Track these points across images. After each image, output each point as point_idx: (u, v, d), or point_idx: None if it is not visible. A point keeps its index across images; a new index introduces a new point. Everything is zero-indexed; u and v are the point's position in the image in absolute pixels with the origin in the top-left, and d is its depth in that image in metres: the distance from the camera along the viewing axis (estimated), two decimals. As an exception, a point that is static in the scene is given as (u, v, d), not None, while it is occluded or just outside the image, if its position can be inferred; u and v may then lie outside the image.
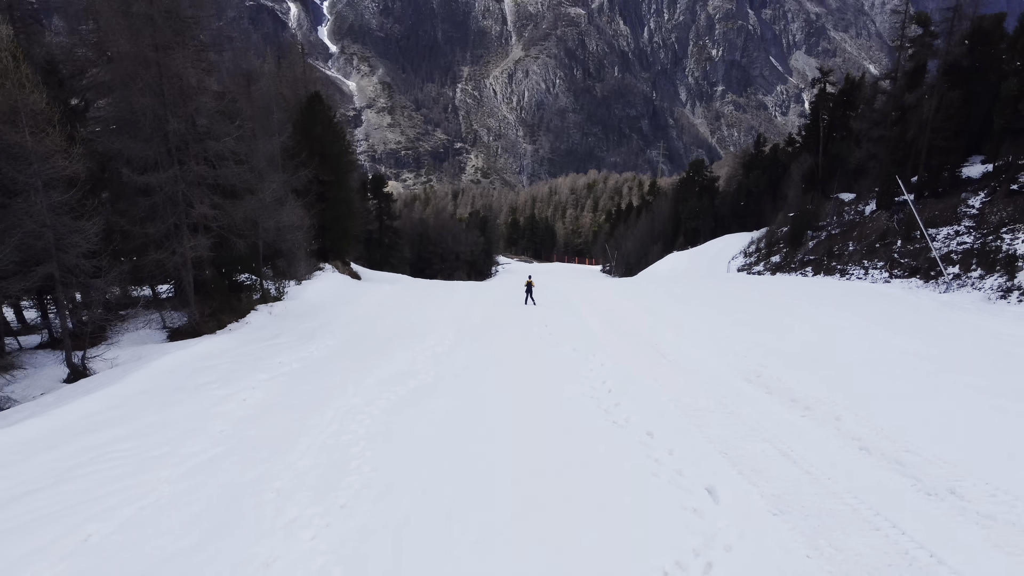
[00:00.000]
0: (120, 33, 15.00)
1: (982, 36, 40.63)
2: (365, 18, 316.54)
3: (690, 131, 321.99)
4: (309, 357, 14.55)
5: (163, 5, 15.22)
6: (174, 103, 15.76)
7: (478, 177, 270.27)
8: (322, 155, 27.51)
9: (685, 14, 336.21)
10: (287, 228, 21.33)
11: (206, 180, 16.50)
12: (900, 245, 39.31)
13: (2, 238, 11.99)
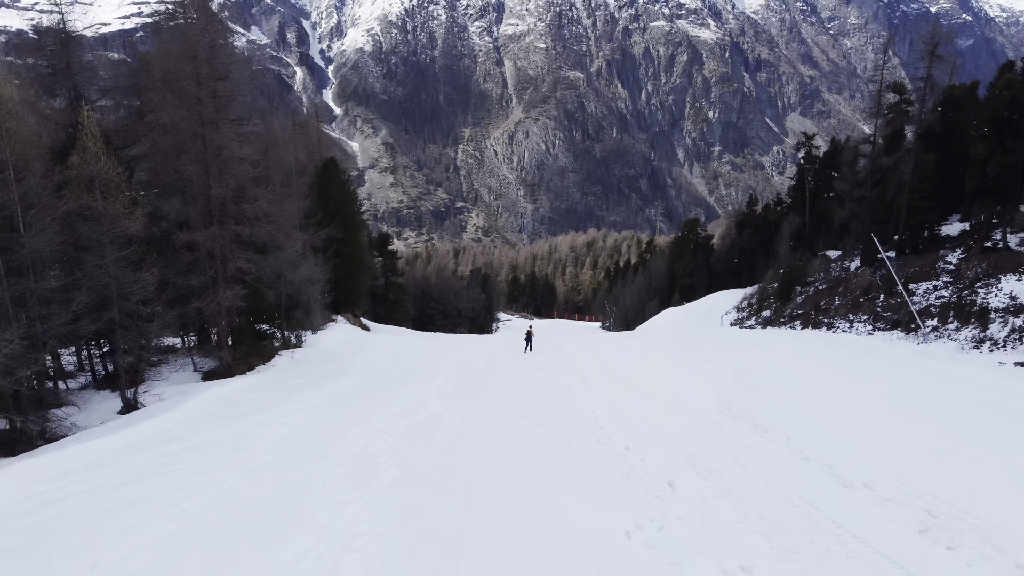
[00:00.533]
0: (172, 111, 17.46)
1: (953, 104, 43.59)
2: (369, 81, 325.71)
3: (688, 190, 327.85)
4: (332, 393, 16.55)
5: (209, 88, 17.71)
6: (216, 171, 18.13)
7: (479, 236, 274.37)
8: (336, 215, 30.02)
9: (682, 77, 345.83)
10: (306, 282, 23.55)
11: (241, 238, 18.78)
12: (883, 300, 41.39)
13: (78, 286, 14.13)
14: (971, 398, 17.06)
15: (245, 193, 18.97)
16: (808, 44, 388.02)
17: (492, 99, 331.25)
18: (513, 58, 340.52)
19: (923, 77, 43.39)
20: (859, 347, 33.93)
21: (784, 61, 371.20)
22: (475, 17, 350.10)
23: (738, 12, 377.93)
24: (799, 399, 16.12)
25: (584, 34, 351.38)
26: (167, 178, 18.93)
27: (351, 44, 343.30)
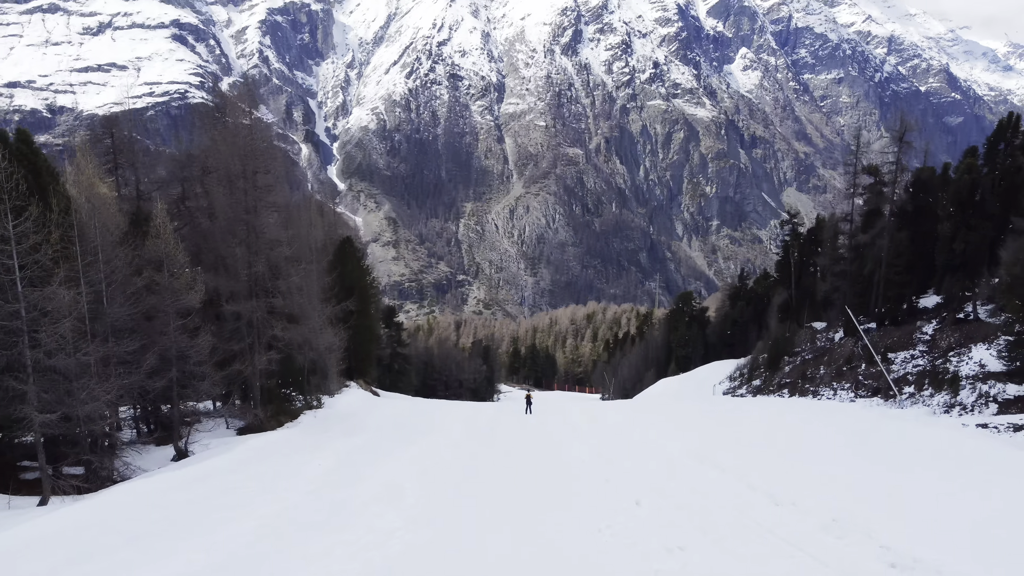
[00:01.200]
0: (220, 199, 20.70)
1: (923, 185, 47.22)
2: (373, 158, 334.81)
3: (688, 264, 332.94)
4: (355, 444, 19.20)
5: (254, 181, 20.98)
6: (258, 251, 21.22)
7: (480, 308, 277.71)
8: (351, 288, 33.08)
9: (679, 154, 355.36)
10: (327, 349, 26.40)
11: (276, 309, 21.73)
12: (864, 369, 44.10)
13: (147, 350, 16.98)
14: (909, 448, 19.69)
15: (280, 270, 22.03)
16: (802, 122, 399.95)
17: (493, 175, 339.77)
18: (514, 135, 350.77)
19: (894, 161, 47.26)
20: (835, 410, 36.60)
21: (779, 138, 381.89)
22: (477, 96, 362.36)
23: (732, 91, 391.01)
24: (761, 450, 18.72)
25: (583, 112, 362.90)
26: (209, 257, 22.02)
27: (356, 122, 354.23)
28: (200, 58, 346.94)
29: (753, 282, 70.42)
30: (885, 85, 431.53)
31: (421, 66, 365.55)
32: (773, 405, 41.03)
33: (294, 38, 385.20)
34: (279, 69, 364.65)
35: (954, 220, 42.56)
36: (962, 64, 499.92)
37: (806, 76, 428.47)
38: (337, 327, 29.35)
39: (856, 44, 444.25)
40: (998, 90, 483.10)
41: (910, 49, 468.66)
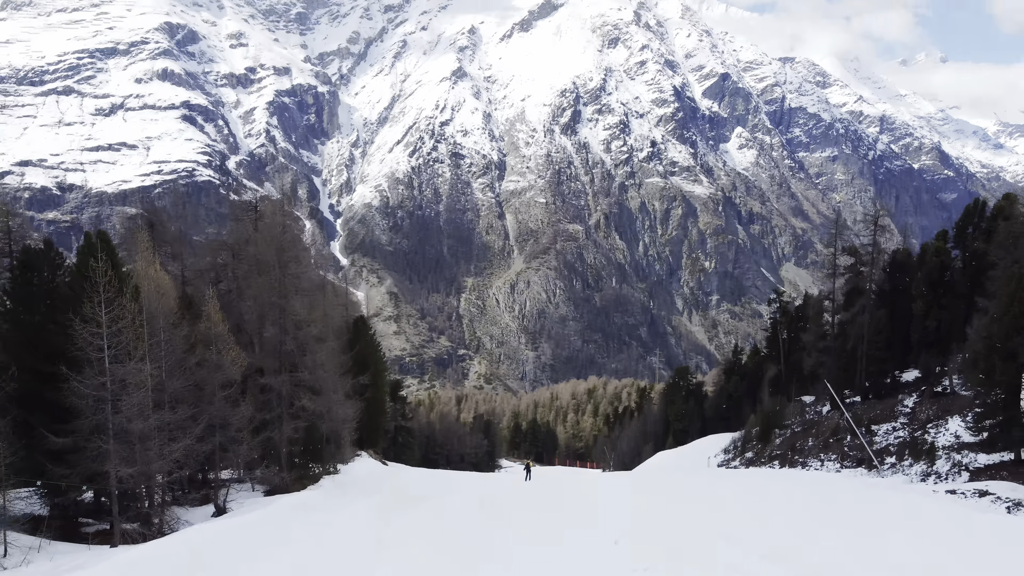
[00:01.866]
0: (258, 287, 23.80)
1: (898, 266, 50.62)
2: (375, 234, 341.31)
3: (688, 338, 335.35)
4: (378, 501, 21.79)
5: (287, 271, 24.13)
6: (287, 330, 24.19)
7: (481, 383, 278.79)
8: (364, 364, 35.88)
9: (677, 230, 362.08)
10: (344, 420, 29.05)
11: (302, 383, 24.56)
12: (849, 440, 46.52)
13: (196, 418, 19.73)
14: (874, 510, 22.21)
15: (306, 348, 24.95)
16: (798, 198, 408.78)
17: (494, 250, 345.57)
18: (514, 212, 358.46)
19: (871, 243, 50.77)
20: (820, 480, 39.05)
21: (776, 214, 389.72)
22: (478, 174, 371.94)
23: (729, 169, 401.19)
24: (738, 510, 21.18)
25: (582, 189, 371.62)
26: (244, 336, 24.96)
27: (359, 199, 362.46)
28: (208, 137, 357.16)
29: (747, 357, 73.07)
30: (879, 163, 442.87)
31: (424, 145, 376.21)
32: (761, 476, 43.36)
33: (301, 118, 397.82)
34: (285, 148, 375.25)
35: (927, 299, 45.80)
36: (953, 142, 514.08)
37: (801, 154, 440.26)
38: (352, 400, 32.06)
39: (849, 123, 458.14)
40: (990, 167, 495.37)
41: (902, 128, 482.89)
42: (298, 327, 24.70)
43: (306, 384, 24.93)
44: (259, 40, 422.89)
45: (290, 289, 24.50)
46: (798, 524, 18.62)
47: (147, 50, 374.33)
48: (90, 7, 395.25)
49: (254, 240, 24.88)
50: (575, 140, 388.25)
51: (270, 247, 24.10)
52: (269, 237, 24.40)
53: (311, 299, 27.60)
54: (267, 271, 24.15)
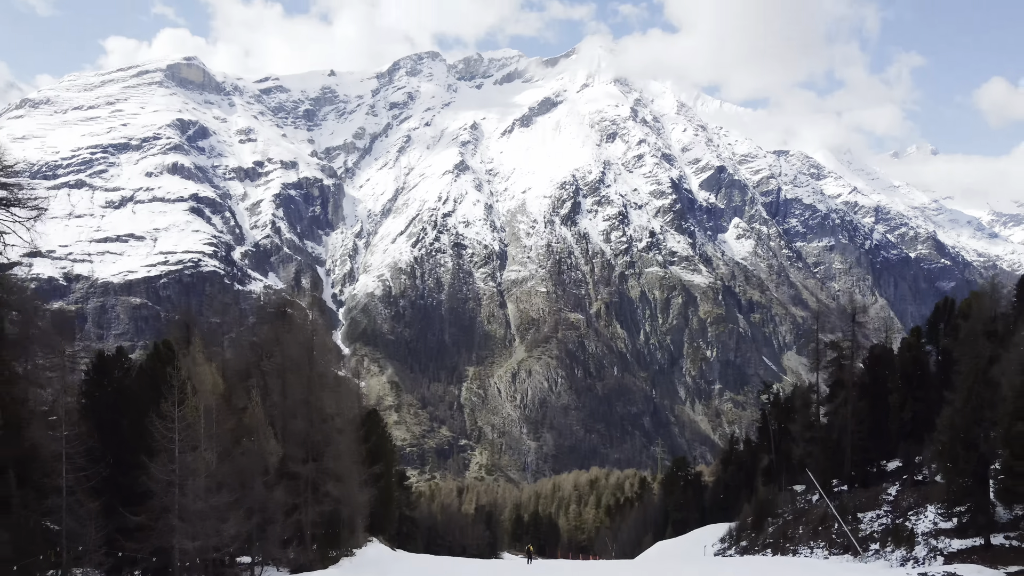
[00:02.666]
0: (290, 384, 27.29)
1: (877, 359, 54.16)
2: (378, 323, 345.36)
3: (691, 428, 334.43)
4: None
5: (315, 369, 27.74)
6: (315, 424, 27.51)
7: (482, 474, 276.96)
8: (376, 454, 38.80)
9: (678, 318, 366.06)
10: (358, 506, 31.95)
11: (327, 471, 27.70)
12: (836, 528, 49.08)
13: (240, 502, 22.85)
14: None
15: (330, 439, 28.21)
16: (797, 287, 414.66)
17: (496, 339, 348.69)
18: (516, 301, 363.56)
19: (849, 339, 54.52)
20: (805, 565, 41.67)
21: (776, 303, 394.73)
22: (480, 264, 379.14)
23: (728, 258, 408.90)
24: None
25: (583, 279, 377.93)
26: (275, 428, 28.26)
27: (362, 289, 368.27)
28: (215, 228, 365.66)
29: (742, 447, 75.38)
30: (876, 252, 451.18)
31: (427, 235, 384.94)
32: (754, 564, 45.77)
33: (306, 210, 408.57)
34: (290, 239, 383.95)
35: (902, 392, 49.19)
36: (949, 232, 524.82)
37: (798, 244, 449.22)
38: (367, 488, 34.97)
39: (844, 214, 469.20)
40: (986, 256, 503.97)
41: (897, 218, 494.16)
42: (323, 420, 28.05)
43: (330, 472, 28.07)
44: (268, 135, 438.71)
45: (317, 386, 27.98)
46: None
47: (159, 145, 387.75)
48: (105, 105, 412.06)
49: (286, 341, 28.51)
50: (575, 231, 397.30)
51: (301, 348, 27.71)
52: (301, 339, 28.04)
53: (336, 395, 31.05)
54: (298, 370, 27.67)
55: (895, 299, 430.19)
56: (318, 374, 28.33)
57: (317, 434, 27.18)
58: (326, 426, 27.95)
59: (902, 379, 48.71)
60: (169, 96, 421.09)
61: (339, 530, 30.70)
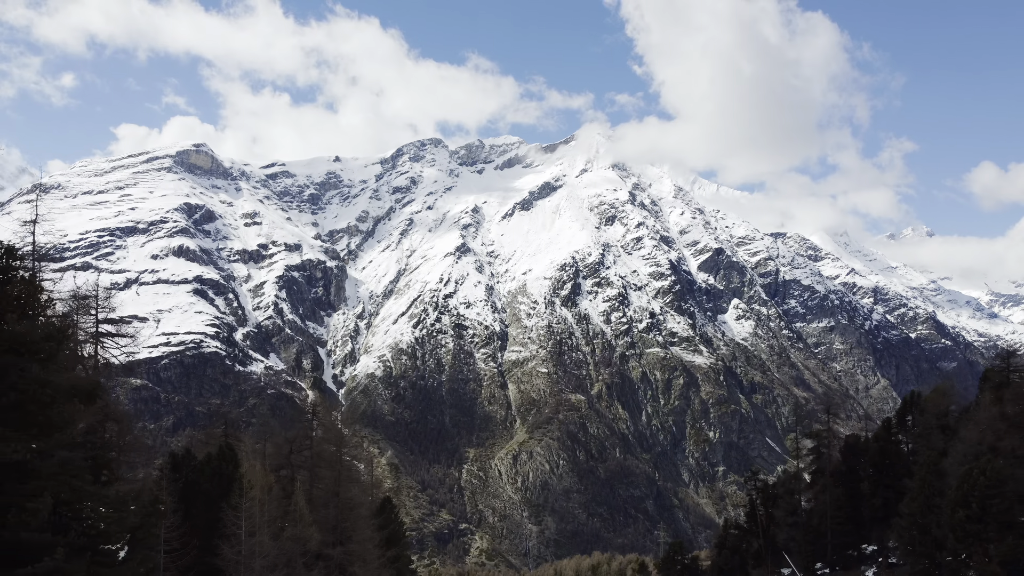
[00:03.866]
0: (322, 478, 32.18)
1: (851, 449, 58.91)
2: (378, 404, 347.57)
3: (696, 511, 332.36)
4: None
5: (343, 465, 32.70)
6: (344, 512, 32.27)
7: (483, 560, 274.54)
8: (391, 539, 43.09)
9: (680, 399, 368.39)
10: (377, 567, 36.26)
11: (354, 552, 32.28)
12: (820, 609, 53.01)
13: None
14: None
15: (356, 525, 32.87)
16: (799, 368, 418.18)
17: (496, 421, 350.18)
18: (516, 382, 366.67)
19: (826, 430, 59.37)
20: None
21: (778, 384, 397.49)
22: (481, 345, 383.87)
23: (728, 339, 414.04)
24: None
25: (584, 360, 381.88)
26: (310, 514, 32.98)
27: (363, 369, 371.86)
28: (218, 310, 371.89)
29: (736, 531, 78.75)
30: (876, 332, 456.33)
31: (428, 317, 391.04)
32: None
33: (309, 291, 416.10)
34: (292, 320, 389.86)
35: (872, 479, 53.79)
36: (948, 312, 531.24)
37: (798, 324, 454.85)
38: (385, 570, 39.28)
39: (843, 295, 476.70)
40: (987, 336, 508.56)
41: (895, 299, 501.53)
42: (351, 509, 32.79)
43: (356, 555, 32.59)
44: (273, 219, 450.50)
45: (345, 479, 32.84)
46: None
47: (165, 228, 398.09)
48: (115, 189, 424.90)
49: (318, 440, 33.52)
50: (575, 312, 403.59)
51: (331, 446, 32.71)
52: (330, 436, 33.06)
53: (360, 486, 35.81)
54: (328, 465, 32.59)
55: (897, 380, 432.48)
56: (346, 468, 33.17)
57: (345, 521, 31.81)
58: (352, 514, 32.59)
59: (873, 468, 53.32)
60: (177, 181, 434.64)
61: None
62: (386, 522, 42.58)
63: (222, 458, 26.20)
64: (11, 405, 13.79)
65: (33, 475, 14.35)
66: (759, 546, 65.55)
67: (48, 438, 14.54)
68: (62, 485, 14.76)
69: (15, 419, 13.93)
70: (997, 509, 35.06)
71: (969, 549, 36.14)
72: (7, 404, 13.78)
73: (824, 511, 55.66)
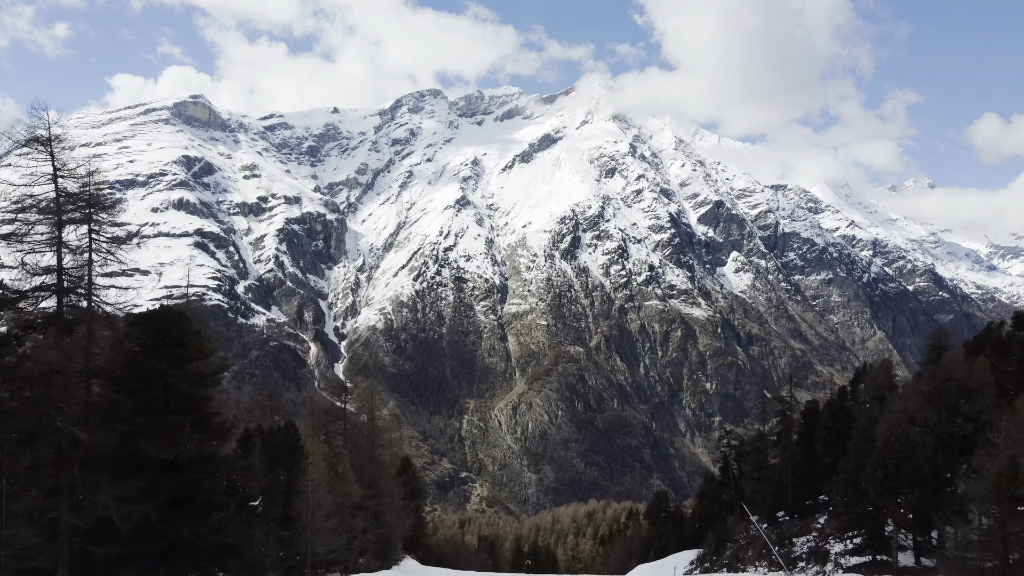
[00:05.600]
0: (360, 445, 40.64)
1: (810, 414, 67.67)
2: (379, 356, 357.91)
3: (691, 460, 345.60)
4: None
5: (377, 434, 41.15)
6: (377, 471, 40.78)
7: (483, 506, 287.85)
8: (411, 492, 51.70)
9: (677, 351, 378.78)
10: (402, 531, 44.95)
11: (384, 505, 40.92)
12: (777, 550, 62.45)
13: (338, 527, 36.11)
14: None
15: (387, 483, 41.42)
16: (796, 320, 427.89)
17: (496, 373, 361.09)
18: (516, 334, 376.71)
19: (789, 395, 68.02)
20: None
21: (775, 336, 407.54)
22: (480, 297, 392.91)
23: (726, 292, 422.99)
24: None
25: (583, 312, 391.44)
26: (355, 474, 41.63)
27: (364, 322, 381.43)
28: (219, 263, 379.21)
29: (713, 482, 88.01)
30: (874, 285, 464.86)
31: (428, 270, 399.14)
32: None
33: (309, 245, 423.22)
34: (293, 273, 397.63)
35: (824, 441, 62.63)
36: (947, 264, 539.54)
37: (797, 277, 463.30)
38: (407, 519, 48.04)
39: (842, 247, 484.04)
40: (985, 288, 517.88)
41: (894, 252, 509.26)
42: (382, 469, 41.33)
43: (386, 506, 41.21)
44: (272, 171, 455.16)
45: (377, 445, 41.32)
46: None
47: (164, 181, 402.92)
48: (113, 142, 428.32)
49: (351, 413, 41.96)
50: (575, 265, 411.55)
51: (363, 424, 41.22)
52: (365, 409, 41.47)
53: (388, 450, 44.31)
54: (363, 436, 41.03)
55: (894, 332, 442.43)
56: (378, 436, 41.61)
57: (378, 479, 40.25)
58: (384, 473, 41.02)
59: (825, 431, 62.02)
60: (175, 133, 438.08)
61: (388, 548, 43.75)
62: (408, 480, 51.25)
63: (287, 432, 34.38)
64: (200, 419, 21.87)
65: (216, 461, 22.47)
66: (731, 497, 74.82)
67: (220, 438, 22.55)
68: (229, 466, 22.82)
69: (203, 427, 22.03)
70: (908, 469, 43.65)
71: (886, 501, 44.87)
72: (197, 419, 21.87)
73: (786, 467, 64.58)
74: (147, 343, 23.50)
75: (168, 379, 22.53)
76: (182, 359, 23.52)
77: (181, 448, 20.95)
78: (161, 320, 23.89)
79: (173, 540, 21.23)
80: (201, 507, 21.97)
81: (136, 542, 20.26)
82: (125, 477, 20.54)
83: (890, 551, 47.58)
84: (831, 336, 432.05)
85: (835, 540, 58.13)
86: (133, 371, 22.62)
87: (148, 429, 21.02)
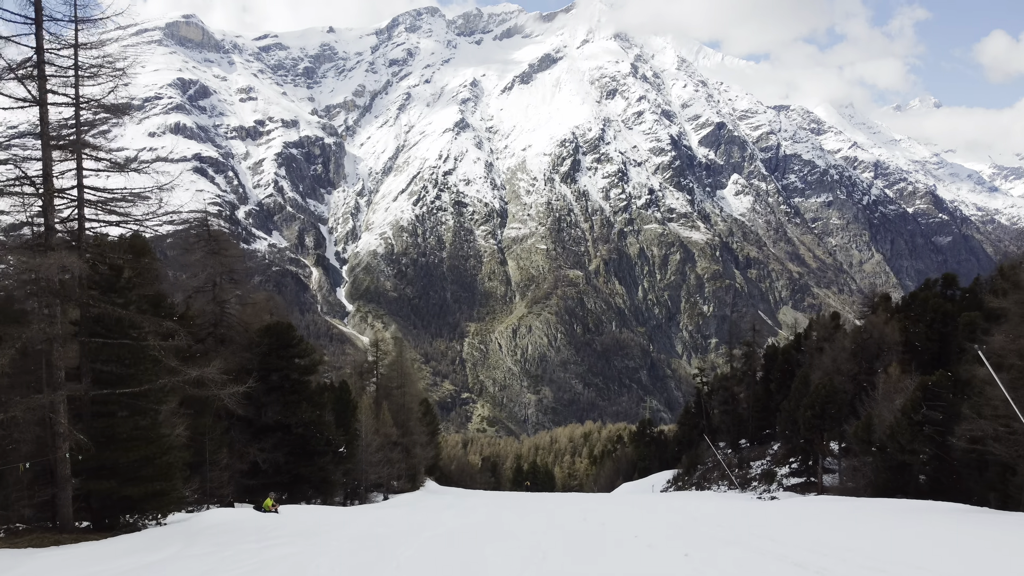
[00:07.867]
0: (394, 394, 52.53)
1: (770, 357, 79.55)
2: (380, 280, 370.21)
3: (688, 381, 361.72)
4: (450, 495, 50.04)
5: (407, 386, 52.95)
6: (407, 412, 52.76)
7: (484, 426, 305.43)
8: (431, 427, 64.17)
9: (676, 275, 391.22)
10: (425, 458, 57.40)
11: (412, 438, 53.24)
12: (736, 472, 75.41)
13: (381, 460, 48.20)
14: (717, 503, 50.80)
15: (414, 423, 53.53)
16: (795, 243, 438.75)
17: (496, 296, 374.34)
18: (516, 259, 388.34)
19: (750, 341, 79.88)
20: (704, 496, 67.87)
21: (773, 259, 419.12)
22: (480, 222, 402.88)
23: (726, 215, 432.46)
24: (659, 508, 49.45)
25: (582, 236, 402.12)
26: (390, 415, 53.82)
27: (365, 247, 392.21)
28: (219, 188, 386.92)
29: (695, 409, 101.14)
30: (873, 208, 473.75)
31: (428, 194, 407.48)
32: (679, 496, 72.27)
33: (308, 169, 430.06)
34: (293, 198, 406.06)
35: (778, 382, 74.77)
36: (948, 186, 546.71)
37: (796, 200, 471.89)
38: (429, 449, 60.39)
39: (843, 169, 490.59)
40: (985, 210, 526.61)
41: (896, 173, 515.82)
42: (411, 410, 53.35)
43: (414, 441, 53.44)
44: (268, 94, 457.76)
45: (408, 393, 53.27)
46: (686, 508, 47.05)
47: (160, 105, 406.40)
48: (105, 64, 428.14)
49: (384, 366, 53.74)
50: (575, 188, 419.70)
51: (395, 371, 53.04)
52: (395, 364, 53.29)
53: (413, 396, 56.28)
54: (395, 386, 52.91)
55: (892, 255, 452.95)
56: (410, 385, 53.50)
57: (409, 420, 52.29)
58: (412, 414, 52.96)
59: (780, 373, 74.09)
60: (169, 55, 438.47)
61: (415, 473, 56.23)
62: (430, 419, 63.39)
63: (342, 389, 46.13)
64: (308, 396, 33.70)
65: (318, 424, 34.35)
66: (703, 425, 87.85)
67: (320, 408, 34.32)
68: (326, 426, 34.67)
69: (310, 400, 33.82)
70: (831, 411, 55.81)
71: (813, 436, 57.18)
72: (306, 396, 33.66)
73: (748, 402, 76.80)
74: (271, 346, 34.64)
75: (285, 371, 34.02)
76: (292, 356, 34.95)
77: (296, 417, 32.63)
78: (278, 331, 34.94)
79: (294, 475, 33.30)
80: (310, 454, 33.86)
81: (272, 476, 32.33)
82: (263, 436, 32.29)
83: (819, 474, 60.32)
84: (829, 259, 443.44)
85: (781, 465, 71.11)
86: (264, 365, 33.90)
87: (274, 404, 32.65)
